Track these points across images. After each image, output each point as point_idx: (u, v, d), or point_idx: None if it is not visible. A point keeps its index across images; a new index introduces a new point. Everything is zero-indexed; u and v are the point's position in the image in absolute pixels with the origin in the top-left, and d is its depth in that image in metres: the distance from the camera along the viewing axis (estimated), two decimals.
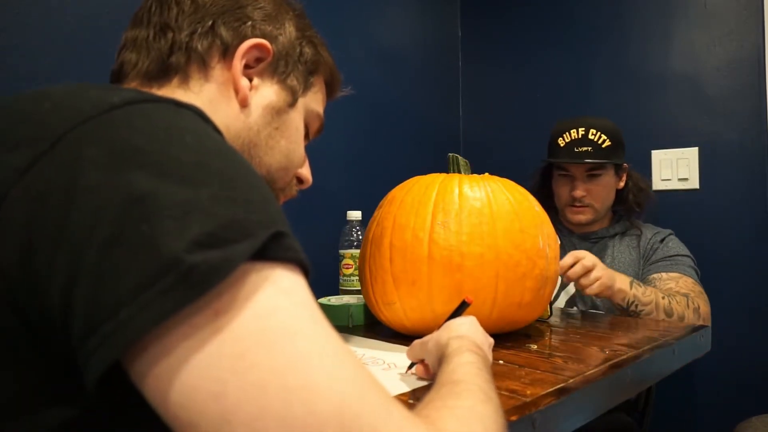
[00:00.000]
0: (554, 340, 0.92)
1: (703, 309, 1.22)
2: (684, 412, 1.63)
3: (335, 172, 1.66)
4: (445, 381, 0.50)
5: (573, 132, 1.41)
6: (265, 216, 0.35)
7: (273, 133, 0.59)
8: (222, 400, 0.30)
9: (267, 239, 0.34)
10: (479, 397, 0.46)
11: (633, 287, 1.15)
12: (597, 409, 0.70)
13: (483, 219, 0.85)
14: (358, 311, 1.06)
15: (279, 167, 0.61)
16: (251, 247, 0.33)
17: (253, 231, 0.33)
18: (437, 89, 2.07)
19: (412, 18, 1.96)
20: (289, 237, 0.36)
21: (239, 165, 0.38)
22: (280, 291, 0.34)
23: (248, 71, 0.57)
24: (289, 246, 0.36)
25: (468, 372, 0.52)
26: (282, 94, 0.60)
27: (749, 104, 1.54)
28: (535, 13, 1.97)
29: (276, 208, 0.37)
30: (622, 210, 1.50)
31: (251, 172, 0.39)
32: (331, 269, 1.32)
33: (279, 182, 0.62)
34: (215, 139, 0.39)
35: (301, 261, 0.36)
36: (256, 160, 0.58)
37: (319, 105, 0.67)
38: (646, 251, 1.40)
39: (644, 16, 1.72)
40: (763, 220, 1.52)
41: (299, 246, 0.37)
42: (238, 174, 0.37)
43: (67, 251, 0.32)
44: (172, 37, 0.55)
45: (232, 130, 0.56)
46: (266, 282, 0.33)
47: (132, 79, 0.56)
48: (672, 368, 0.91)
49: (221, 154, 0.37)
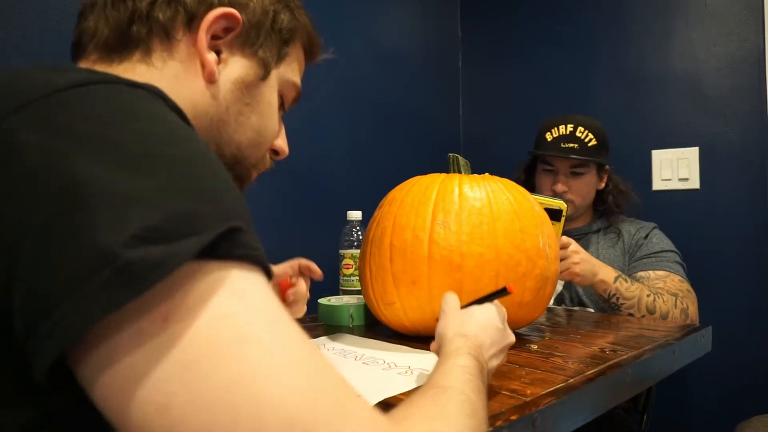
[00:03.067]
0: (554, 340, 0.92)
1: (692, 309, 1.23)
2: (684, 412, 1.63)
3: (335, 173, 1.66)
4: (434, 383, 0.48)
5: (561, 128, 1.42)
6: (219, 209, 0.33)
7: (243, 109, 0.55)
8: (168, 414, 0.28)
9: (219, 235, 0.31)
10: (464, 410, 0.44)
11: (617, 281, 1.18)
12: (597, 409, 0.70)
13: (483, 219, 0.85)
14: (358, 311, 1.06)
15: (250, 144, 0.57)
16: (199, 244, 0.30)
17: (204, 226, 0.31)
18: (437, 89, 2.07)
19: (412, 18, 1.96)
20: (246, 233, 0.33)
21: (195, 152, 0.35)
22: (233, 294, 0.31)
23: (216, 43, 0.53)
24: (246, 243, 0.33)
25: (460, 378, 0.49)
26: (253, 68, 0.56)
27: (749, 104, 1.54)
28: (535, 14, 1.97)
29: (234, 200, 0.35)
30: (602, 209, 1.51)
31: (209, 159, 0.36)
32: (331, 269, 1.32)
33: (250, 158, 0.59)
34: (170, 124, 0.36)
35: (260, 259, 0.34)
36: (226, 137, 0.55)
37: (296, 74, 0.62)
38: (630, 247, 1.41)
39: (644, 16, 1.72)
40: (763, 220, 1.52)
41: (259, 243, 0.35)
42: (192, 162, 0.34)
43: (5, 241, 0.30)
44: (132, 5, 0.51)
45: (199, 107, 0.52)
46: (218, 284, 0.31)
47: (91, 52, 0.52)
48: (672, 368, 0.91)
49: (175, 140, 0.35)
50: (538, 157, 1.49)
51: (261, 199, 1.47)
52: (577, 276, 1.15)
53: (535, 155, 1.50)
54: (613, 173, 1.50)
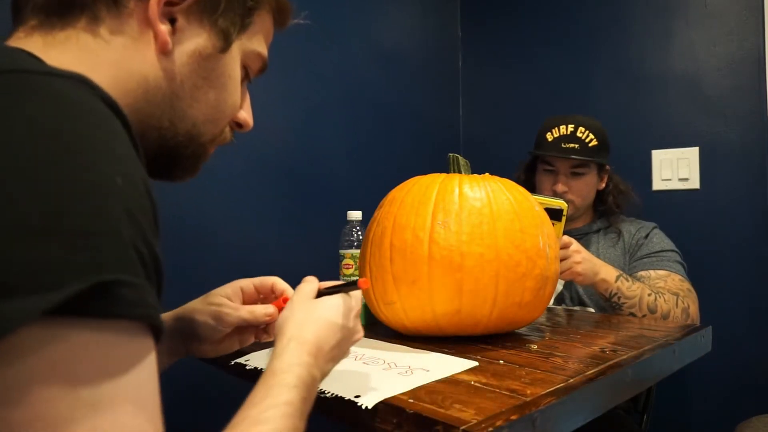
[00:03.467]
0: (554, 340, 0.92)
1: (692, 309, 1.23)
2: (684, 412, 1.63)
3: (335, 173, 1.66)
4: (254, 414, 0.45)
5: (562, 128, 1.42)
6: (88, 258, 0.28)
7: (200, 83, 0.51)
8: None
9: (83, 291, 0.28)
10: None
11: (619, 280, 1.18)
12: (597, 409, 0.70)
13: (483, 219, 0.85)
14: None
15: (206, 120, 0.53)
16: (46, 303, 0.27)
17: (60, 279, 0.27)
18: (437, 89, 2.07)
19: (412, 18, 1.96)
20: (127, 285, 0.30)
21: (89, 178, 0.30)
22: (65, 375, 0.28)
23: (170, 9, 0.48)
24: (124, 298, 0.30)
25: (273, 423, 0.45)
26: (212, 39, 0.50)
27: (749, 104, 1.54)
28: (535, 14, 1.97)
29: (117, 244, 0.30)
30: (602, 209, 1.51)
31: (107, 187, 0.31)
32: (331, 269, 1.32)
33: (206, 135, 0.54)
34: (67, 135, 0.30)
35: (143, 316, 0.31)
36: (180, 113, 0.50)
37: (261, 44, 0.58)
38: (630, 246, 1.41)
39: (644, 16, 1.72)
40: (763, 220, 1.52)
41: (148, 296, 0.31)
42: (72, 193, 0.29)
43: None
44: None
45: (151, 81, 0.47)
46: (51, 356, 0.27)
47: (29, 17, 0.46)
48: (672, 368, 0.91)
49: (62, 160, 0.29)
50: (538, 157, 1.50)
51: (261, 199, 1.47)
52: (578, 275, 1.15)
53: (535, 155, 1.50)
54: (613, 173, 1.50)
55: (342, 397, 0.63)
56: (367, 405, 0.60)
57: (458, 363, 0.76)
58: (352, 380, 0.69)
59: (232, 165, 1.40)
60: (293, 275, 1.50)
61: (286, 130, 1.53)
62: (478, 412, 0.56)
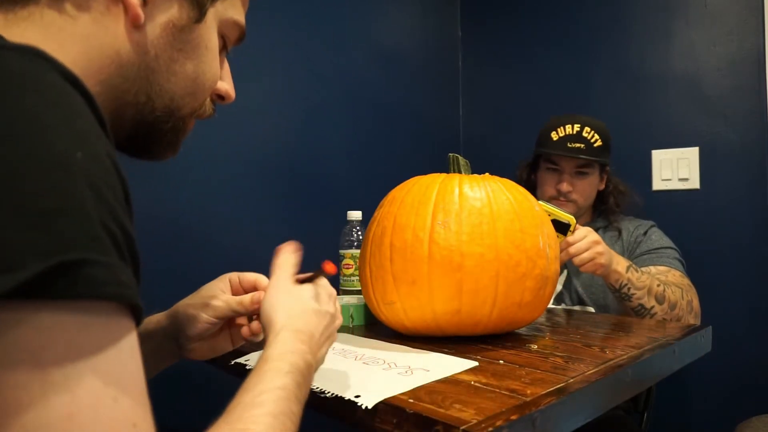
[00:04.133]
0: (554, 340, 0.92)
1: (695, 303, 1.24)
2: (684, 412, 1.63)
3: (335, 173, 1.66)
4: (248, 399, 0.45)
5: (568, 127, 1.42)
6: (49, 237, 0.27)
7: (176, 55, 0.49)
8: None
9: (44, 271, 0.27)
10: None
11: (629, 271, 1.17)
12: (597, 409, 0.70)
13: (483, 219, 0.85)
14: (358, 311, 1.06)
15: (185, 93, 0.51)
16: (5, 285, 0.26)
17: (19, 260, 0.26)
18: (437, 89, 2.07)
19: (412, 18, 1.96)
20: (95, 265, 0.29)
21: (44, 152, 0.29)
22: (35, 359, 0.27)
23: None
24: (93, 278, 0.29)
25: (267, 406, 0.45)
26: (185, 8, 0.48)
27: (749, 104, 1.54)
28: (535, 14, 1.97)
29: (81, 223, 0.29)
30: (602, 209, 1.51)
31: (65, 161, 0.30)
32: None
33: (186, 108, 0.52)
34: (18, 110, 0.29)
35: (116, 295, 0.30)
36: (156, 88, 0.49)
37: (238, 11, 0.56)
38: (629, 244, 1.41)
39: (644, 16, 1.72)
40: (763, 220, 1.52)
41: (121, 275, 0.31)
42: (30, 168, 0.28)
43: None
44: None
45: (124, 56, 0.45)
46: (19, 341, 0.27)
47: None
48: (672, 368, 0.91)
49: (16, 136, 0.28)
50: (541, 156, 1.49)
51: (261, 199, 1.47)
52: (601, 267, 1.13)
53: (539, 154, 1.50)
54: (612, 174, 1.50)
55: (342, 397, 0.63)
56: (367, 405, 0.60)
57: (458, 363, 0.76)
58: (352, 380, 0.69)
59: (232, 165, 1.40)
60: None
61: (286, 130, 1.53)
62: (478, 412, 0.56)
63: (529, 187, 1.52)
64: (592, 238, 1.13)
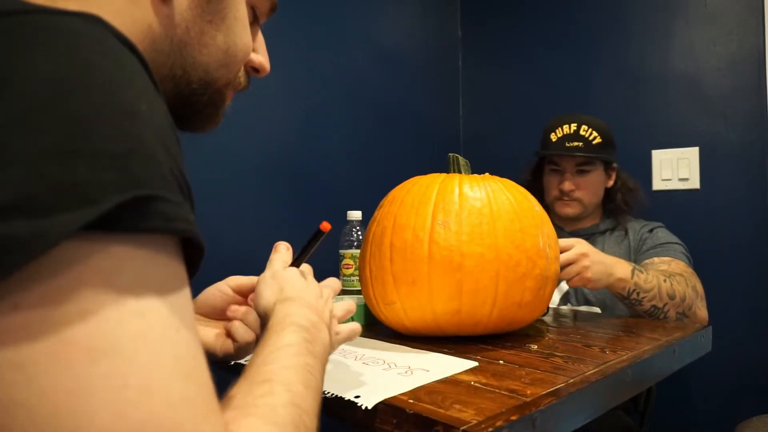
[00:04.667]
0: (554, 340, 0.92)
1: (699, 287, 1.21)
2: (684, 412, 1.63)
3: (335, 173, 1.66)
4: (254, 375, 0.45)
5: (565, 127, 1.43)
6: (123, 175, 0.29)
7: (206, 27, 0.49)
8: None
9: (120, 205, 0.28)
10: (291, 415, 0.40)
11: (635, 275, 1.11)
12: (597, 409, 0.70)
13: (483, 219, 0.85)
14: (358, 311, 1.06)
15: (218, 65, 0.51)
16: (83, 218, 0.27)
17: (95, 195, 0.27)
18: (437, 89, 2.07)
19: (412, 18, 1.96)
20: (164, 201, 0.30)
21: (107, 104, 0.30)
22: (114, 281, 0.28)
23: None
24: (162, 212, 0.30)
25: (280, 361, 0.46)
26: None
27: (749, 104, 1.54)
28: (535, 14, 1.97)
29: (147, 165, 0.30)
30: (611, 207, 1.50)
31: (132, 110, 0.31)
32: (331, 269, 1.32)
33: (221, 80, 0.53)
34: (88, 64, 0.31)
35: (182, 230, 0.31)
36: (190, 60, 0.49)
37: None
38: (636, 243, 1.41)
39: (644, 16, 1.72)
40: (763, 220, 1.52)
41: (186, 213, 0.32)
42: (98, 118, 0.29)
43: None
44: None
45: (156, 30, 0.46)
46: (95, 266, 0.28)
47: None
48: (672, 368, 0.91)
49: (84, 87, 0.30)
50: (545, 159, 1.49)
51: (261, 198, 1.47)
52: (589, 281, 1.06)
53: (541, 156, 1.50)
54: (621, 171, 1.49)
55: (342, 397, 0.63)
56: (367, 405, 0.60)
57: (458, 363, 0.76)
58: (352, 380, 0.69)
59: (232, 165, 1.40)
60: None
61: (286, 130, 1.53)
62: (478, 413, 0.56)
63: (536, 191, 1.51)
64: (580, 250, 1.06)
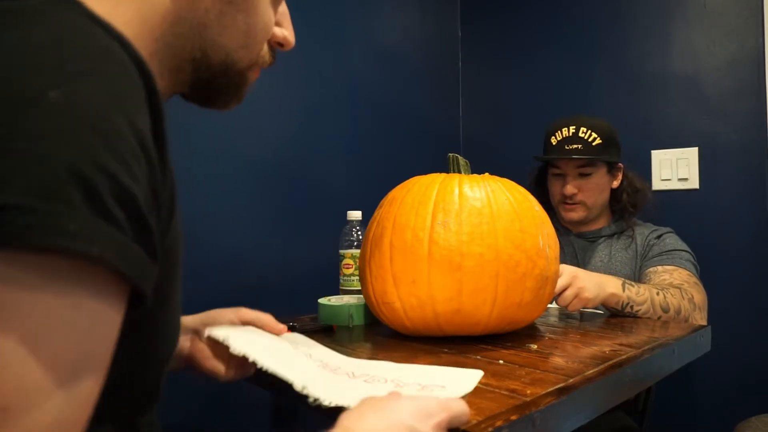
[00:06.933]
0: (554, 340, 0.92)
1: (698, 297, 1.20)
2: (684, 412, 1.63)
3: (335, 172, 1.66)
4: None
5: (564, 130, 1.42)
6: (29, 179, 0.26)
7: (225, 9, 0.48)
8: None
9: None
10: None
11: (626, 289, 1.12)
12: (597, 409, 0.70)
13: (483, 219, 0.85)
14: (358, 311, 1.06)
15: (239, 47, 0.50)
16: None
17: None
18: (437, 89, 2.07)
19: (412, 18, 1.96)
20: (17, 210, 0.26)
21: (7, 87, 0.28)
22: None
23: None
24: (9, 224, 0.26)
25: None
26: None
27: (749, 104, 1.54)
28: (535, 14, 1.97)
29: (31, 163, 0.27)
30: (617, 209, 1.49)
31: (36, 98, 0.28)
32: (331, 269, 1.32)
33: (242, 61, 0.52)
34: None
35: (40, 243, 0.27)
36: (210, 42, 0.48)
37: None
38: (643, 248, 1.40)
39: (644, 16, 1.72)
40: (763, 220, 1.52)
41: (52, 221, 0.27)
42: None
43: None
44: None
45: (174, 12, 0.46)
46: None
47: None
48: (672, 368, 0.91)
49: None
50: (548, 163, 1.49)
51: (261, 199, 1.47)
52: (589, 301, 1.06)
53: (543, 161, 1.49)
54: (627, 171, 1.48)
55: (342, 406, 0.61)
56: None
57: (468, 375, 0.66)
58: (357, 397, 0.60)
59: (231, 164, 1.40)
60: (293, 275, 1.50)
61: (285, 129, 1.53)
62: (478, 412, 0.56)
63: (541, 194, 1.50)
64: (570, 273, 1.06)
